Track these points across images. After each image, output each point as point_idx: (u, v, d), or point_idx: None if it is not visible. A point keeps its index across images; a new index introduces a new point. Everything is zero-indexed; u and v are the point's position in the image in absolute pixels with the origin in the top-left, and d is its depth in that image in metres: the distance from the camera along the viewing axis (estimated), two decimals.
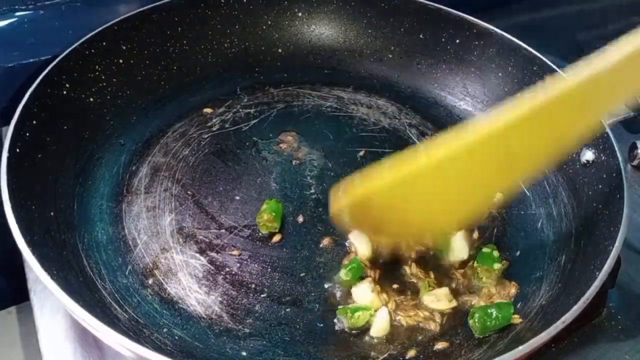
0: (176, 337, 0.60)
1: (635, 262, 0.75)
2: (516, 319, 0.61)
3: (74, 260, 0.63)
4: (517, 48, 0.82)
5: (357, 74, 0.92)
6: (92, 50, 0.77)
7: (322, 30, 0.93)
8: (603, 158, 0.69)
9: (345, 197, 0.55)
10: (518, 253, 0.70)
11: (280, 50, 0.93)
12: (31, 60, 0.80)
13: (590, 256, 0.61)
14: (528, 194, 0.76)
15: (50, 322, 0.66)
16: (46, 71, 0.71)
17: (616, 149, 0.67)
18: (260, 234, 0.70)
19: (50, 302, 0.67)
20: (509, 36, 0.82)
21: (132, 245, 0.68)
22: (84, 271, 0.63)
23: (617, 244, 0.57)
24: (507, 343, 0.58)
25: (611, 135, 0.68)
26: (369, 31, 0.93)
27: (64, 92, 0.73)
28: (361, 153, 0.81)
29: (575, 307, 0.52)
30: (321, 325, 0.62)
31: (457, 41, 0.88)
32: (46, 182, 0.67)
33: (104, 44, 0.78)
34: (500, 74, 0.84)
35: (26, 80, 0.74)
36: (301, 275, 0.66)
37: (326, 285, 0.66)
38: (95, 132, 0.76)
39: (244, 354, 0.59)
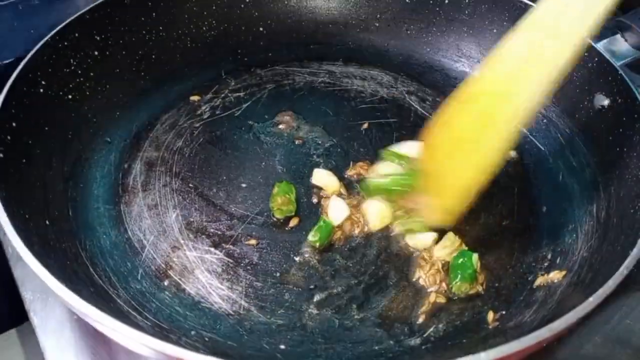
0: (206, 339, 0.55)
1: None
2: (559, 274, 0.59)
3: (80, 270, 0.57)
4: (510, 1, 0.79)
5: (345, 46, 0.88)
6: (65, 43, 0.70)
7: (304, 4, 0.89)
8: (620, 101, 0.67)
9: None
10: (544, 209, 0.67)
11: (261, 29, 0.87)
12: None
13: (626, 200, 0.59)
14: (542, 148, 0.74)
15: (57, 341, 0.60)
16: (20, 68, 0.64)
17: (634, 89, 0.65)
18: (274, 219, 0.66)
19: (54, 320, 0.61)
20: None
21: (139, 247, 0.62)
22: (92, 280, 0.57)
23: None
24: (557, 300, 0.55)
25: (626, 77, 0.66)
26: (353, 0, 0.89)
27: (41, 90, 0.66)
28: (365, 125, 0.77)
29: (634, 252, 0.49)
30: (357, 305, 0.58)
31: (446, 1, 0.84)
32: (35, 189, 0.61)
33: (77, 35, 0.72)
34: (495, 31, 0.82)
35: None
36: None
37: (354, 263, 0.62)
38: (79, 131, 0.70)
39: (283, 347, 0.55)
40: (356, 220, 0.65)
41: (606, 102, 0.68)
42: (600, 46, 0.71)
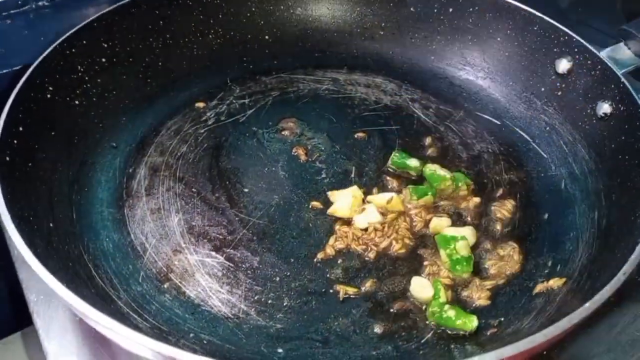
0: (205, 342, 0.55)
1: None
2: (559, 281, 0.59)
3: (82, 272, 0.58)
4: (514, 10, 0.79)
5: (350, 54, 0.89)
6: (73, 50, 0.72)
7: (309, 12, 0.90)
8: (622, 109, 0.67)
9: None
10: (546, 216, 0.67)
11: (267, 37, 0.88)
12: (4, 70, 0.75)
13: (628, 208, 0.59)
14: (545, 155, 0.74)
15: (59, 342, 0.60)
16: (28, 73, 0.65)
17: (636, 97, 0.65)
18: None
19: (57, 323, 0.62)
20: None
21: (141, 250, 0.63)
22: (94, 282, 0.58)
23: None
24: (556, 307, 0.55)
25: (628, 84, 0.66)
26: (357, 9, 0.89)
27: (48, 96, 0.68)
28: (364, 134, 0.77)
29: (632, 257, 0.49)
30: (354, 311, 0.59)
31: (450, 10, 0.85)
32: (40, 192, 0.62)
33: (84, 42, 0.73)
34: (499, 39, 0.82)
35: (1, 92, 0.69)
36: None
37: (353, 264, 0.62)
38: (85, 136, 0.71)
39: (280, 350, 0.55)
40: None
41: (609, 109, 0.68)
42: (603, 54, 0.71)
